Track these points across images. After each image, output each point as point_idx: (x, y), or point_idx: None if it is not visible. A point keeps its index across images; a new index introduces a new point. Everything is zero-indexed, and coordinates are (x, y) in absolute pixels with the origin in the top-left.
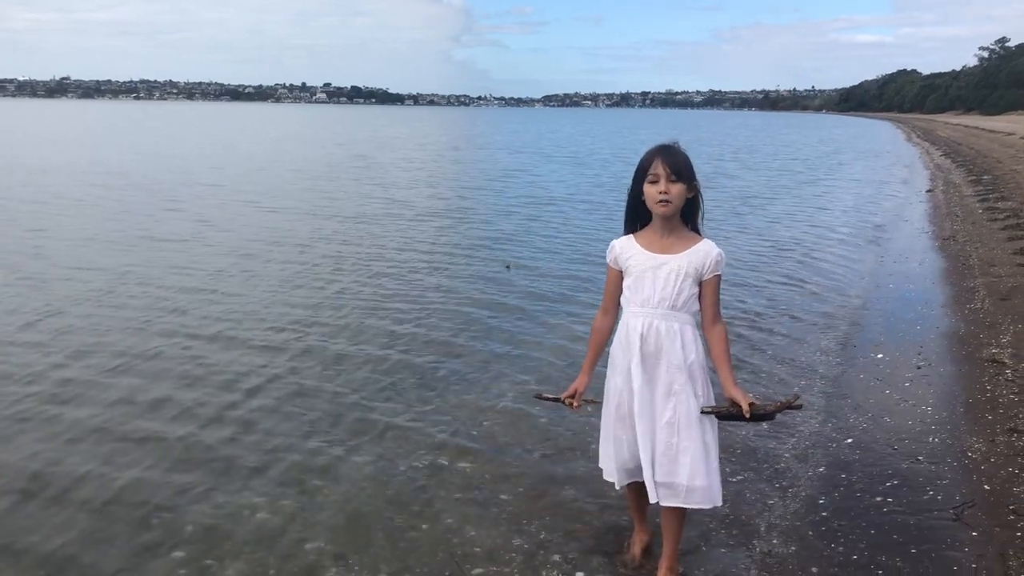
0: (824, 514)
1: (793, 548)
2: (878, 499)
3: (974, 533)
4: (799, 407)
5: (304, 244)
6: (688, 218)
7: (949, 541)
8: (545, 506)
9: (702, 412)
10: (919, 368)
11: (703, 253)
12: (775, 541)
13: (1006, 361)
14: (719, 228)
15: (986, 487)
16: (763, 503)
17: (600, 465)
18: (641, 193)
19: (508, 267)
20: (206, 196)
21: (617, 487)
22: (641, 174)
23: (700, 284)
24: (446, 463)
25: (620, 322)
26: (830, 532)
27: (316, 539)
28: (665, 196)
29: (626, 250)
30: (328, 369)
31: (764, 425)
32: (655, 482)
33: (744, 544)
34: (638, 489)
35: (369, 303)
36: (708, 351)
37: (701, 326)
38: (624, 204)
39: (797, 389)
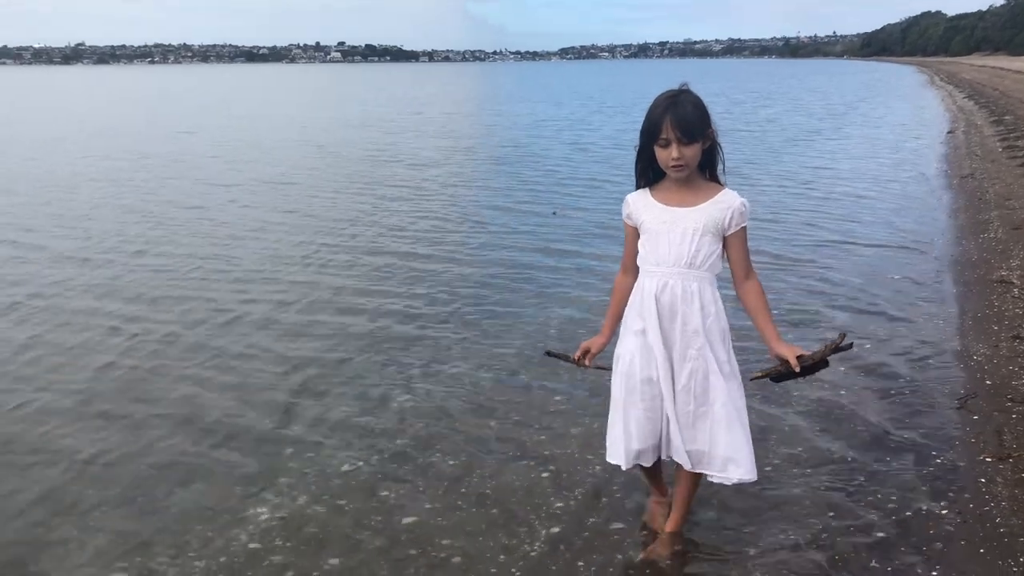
0: (843, 402)
1: (818, 426)
2: (892, 392)
3: (975, 417)
4: (849, 347)
5: (401, 187)
6: (706, 167)
7: (953, 422)
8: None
9: (751, 379)
10: (934, 288)
11: (724, 205)
12: (802, 423)
13: (1014, 281)
14: (762, 167)
15: (988, 382)
16: (788, 393)
17: (606, 443)
18: (652, 150)
19: (555, 213)
20: (295, 149)
21: (623, 468)
22: (649, 134)
23: (724, 239)
24: (487, 398)
25: (636, 283)
26: (848, 414)
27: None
28: (678, 162)
29: (640, 205)
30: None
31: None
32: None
33: (773, 423)
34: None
35: (450, 245)
36: (743, 309)
37: (732, 284)
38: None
39: (842, 331)
